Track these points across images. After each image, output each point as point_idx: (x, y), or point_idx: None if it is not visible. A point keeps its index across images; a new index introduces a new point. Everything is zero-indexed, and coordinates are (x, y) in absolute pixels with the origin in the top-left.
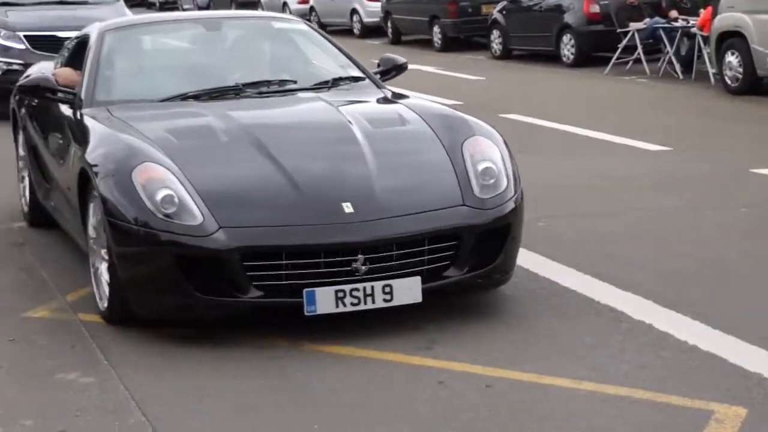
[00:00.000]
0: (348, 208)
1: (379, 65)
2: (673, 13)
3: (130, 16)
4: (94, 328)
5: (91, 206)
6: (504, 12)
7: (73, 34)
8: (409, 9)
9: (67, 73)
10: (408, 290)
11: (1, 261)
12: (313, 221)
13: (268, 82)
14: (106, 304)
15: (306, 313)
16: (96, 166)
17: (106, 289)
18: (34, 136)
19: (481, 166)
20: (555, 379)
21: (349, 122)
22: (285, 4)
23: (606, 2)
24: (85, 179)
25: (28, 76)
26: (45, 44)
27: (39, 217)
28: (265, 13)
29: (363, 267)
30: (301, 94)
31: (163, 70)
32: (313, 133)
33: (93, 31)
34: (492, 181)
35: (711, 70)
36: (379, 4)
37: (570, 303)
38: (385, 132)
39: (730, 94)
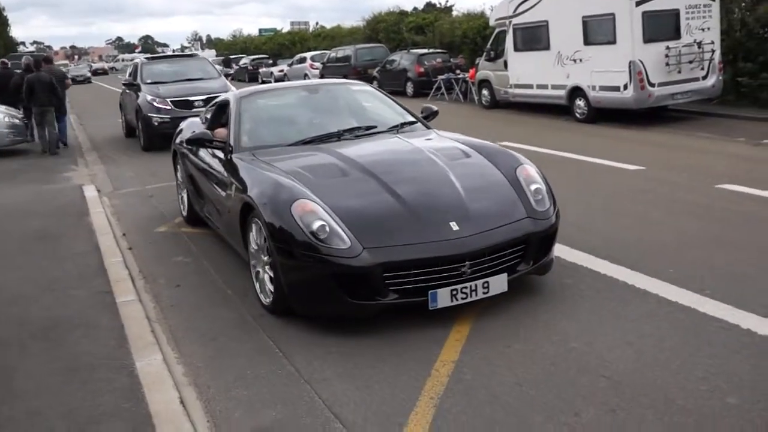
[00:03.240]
0: (455, 226)
1: (422, 112)
2: (457, 71)
3: (230, 85)
4: (189, 235)
5: (253, 229)
6: (378, 72)
7: (197, 97)
8: (333, 72)
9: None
10: (499, 284)
11: (141, 204)
12: (431, 238)
13: (359, 128)
14: (270, 300)
15: (429, 308)
16: (260, 201)
17: (270, 288)
18: (190, 168)
19: (532, 187)
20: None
21: (432, 156)
22: (306, 75)
23: (427, 66)
24: (247, 209)
25: (181, 130)
26: (181, 105)
27: (193, 218)
28: (344, 80)
29: (468, 270)
30: (382, 136)
31: (284, 123)
32: (413, 167)
33: (231, 97)
34: (540, 197)
35: (476, 98)
36: (318, 70)
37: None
38: (457, 164)
39: (485, 108)
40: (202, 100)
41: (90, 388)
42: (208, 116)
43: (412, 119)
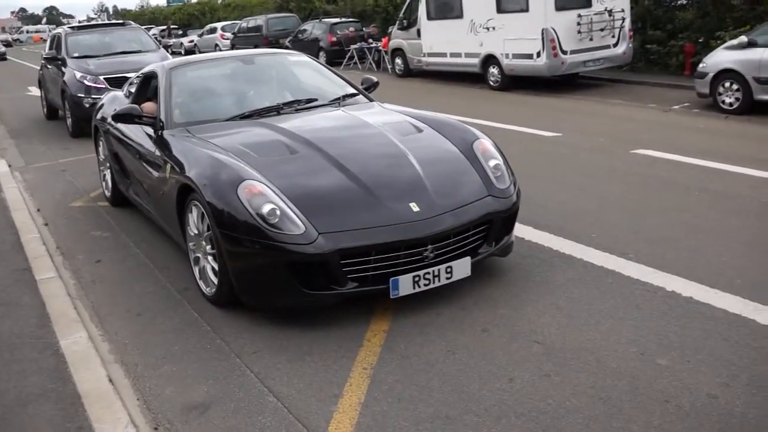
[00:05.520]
0: (415, 207)
1: (362, 84)
2: (370, 41)
3: (170, 57)
4: (105, 209)
5: (193, 212)
6: (290, 42)
7: (136, 74)
8: (244, 42)
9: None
10: (462, 268)
11: (54, 178)
12: (391, 221)
13: (299, 101)
14: (213, 290)
15: (391, 296)
16: (200, 183)
17: (213, 278)
18: (115, 145)
19: (491, 163)
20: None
21: (384, 131)
22: (216, 46)
23: (339, 35)
24: (185, 191)
25: (103, 105)
26: (117, 82)
27: (119, 199)
28: (280, 50)
29: (431, 255)
30: (324, 109)
31: (219, 96)
32: (365, 143)
33: (158, 69)
34: (500, 174)
35: (389, 66)
36: (229, 40)
37: None
38: (410, 139)
39: (398, 77)
40: None
41: (14, 368)
42: (132, 89)
43: (353, 91)
